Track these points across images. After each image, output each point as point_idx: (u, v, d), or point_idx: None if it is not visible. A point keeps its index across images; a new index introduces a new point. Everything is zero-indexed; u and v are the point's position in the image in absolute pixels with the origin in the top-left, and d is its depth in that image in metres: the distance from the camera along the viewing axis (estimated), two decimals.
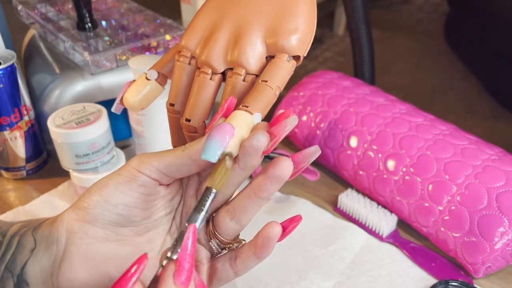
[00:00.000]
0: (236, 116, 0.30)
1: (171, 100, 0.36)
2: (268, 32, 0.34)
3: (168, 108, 0.36)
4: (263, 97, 0.32)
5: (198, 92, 0.34)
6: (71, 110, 0.51)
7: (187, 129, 0.35)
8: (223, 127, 0.29)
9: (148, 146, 0.53)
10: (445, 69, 0.96)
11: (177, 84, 0.36)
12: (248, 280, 0.46)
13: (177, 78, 0.36)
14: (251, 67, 0.33)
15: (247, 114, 0.31)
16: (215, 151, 0.28)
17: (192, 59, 0.35)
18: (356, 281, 0.46)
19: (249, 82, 0.34)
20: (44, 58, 0.64)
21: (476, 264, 0.45)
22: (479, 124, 0.59)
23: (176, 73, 0.36)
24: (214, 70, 0.34)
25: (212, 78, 0.34)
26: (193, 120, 0.34)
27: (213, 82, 0.34)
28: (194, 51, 0.35)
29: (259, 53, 0.34)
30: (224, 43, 0.34)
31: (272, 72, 0.33)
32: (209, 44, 0.35)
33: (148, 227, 0.33)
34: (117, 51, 0.59)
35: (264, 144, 0.29)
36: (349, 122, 0.55)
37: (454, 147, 0.49)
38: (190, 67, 0.36)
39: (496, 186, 0.45)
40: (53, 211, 0.54)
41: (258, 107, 0.31)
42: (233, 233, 0.33)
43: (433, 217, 0.47)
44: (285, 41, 0.33)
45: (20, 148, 0.58)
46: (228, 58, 0.34)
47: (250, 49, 0.33)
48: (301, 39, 0.34)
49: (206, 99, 0.34)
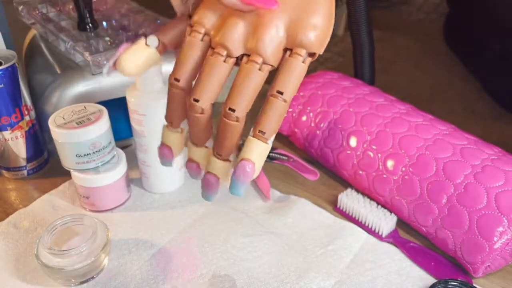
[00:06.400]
0: (254, 150, 0.33)
1: (176, 75, 0.34)
2: (289, 25, 0.33)
3: (172, 82, 0.34)
4: (279, 117, 0.33)
5: (210, 73, 0.33)
6: (72, 110, 0.51)
7: (193, 109, 0.34)
8: (245, 172, 0.33)
9: (148, 146, 0.53)
10: (444, 69, 0.96)
11: (186, 60, 0.34)
12: (248, 279, 0.46)
13: (186, 53, 0.34)
14: (268, 58, 0.33)
15: (264, 145, 0.33)
16: (241, 190, 0.33)
17: (205, 36, 0.34)
18: (355, 280, 0.46)
19: (265, 72, 0.33)
20: (45, 58, 0.64)
21: (475, 264, 0.45)
22: (478, 124, 0.59)
23: (185, 48, 0.34)
24: (229, 53, 0.33)
25: (226, 60, 0.33)
26: (202, 101, 0.33)
27: (226, 65, 0.33)
28: (208, 29, 0.34)
29: (278, 44, 0.33)
30: (243, 27, 0.33)
31: (288, 80, 0.33)
32: (226, 25, 0.33)
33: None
34: None
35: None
36: (349, 122, 0.56)
37: (453, 147, 0.49)
38: (202, 44, 0.34)
39: (495, 186, 0.45)
40: (54, 211, 0.54)
41: (273, 130, 0.33)
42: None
43: (433, 216, 0.48)
44: (304, 36, 0.33)
45: (21, 148, 0.58)
46: (247, 45, 0.33)
47: (269, 39, 0.33)
48: (320, 36, 0.33)
49: (217, 81, 0.33)
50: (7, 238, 0.51)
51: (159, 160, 0.40)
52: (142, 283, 0.46)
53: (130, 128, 0.54)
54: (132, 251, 0.49)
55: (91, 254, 0.45)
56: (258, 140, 0.33)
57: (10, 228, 0.52)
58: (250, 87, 0.33)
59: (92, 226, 0.46)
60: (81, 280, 0.45)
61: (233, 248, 0.49)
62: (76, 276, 0.45)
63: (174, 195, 0.57)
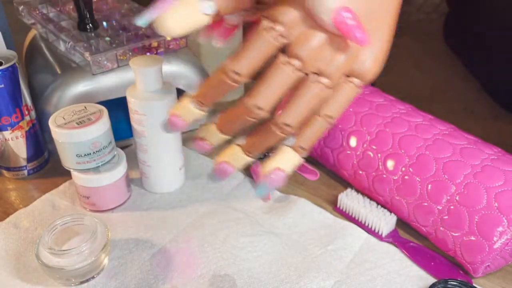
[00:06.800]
0: (291, 162, 0.34)
1: (238, 68, 0.31)
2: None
3: (230, 74, 0.31)
4: (320, 136, 0.34)
5: (281, 84, 0.31)
6: (72, 110, 0.51)
7: (253, 115, 0.32)
8: (277, 180, 0.33)
9: (149, 146, 0.53)
10: (444, 69, 0.96)
11: (254, 56, 0.31)
12: (248, 279, 0.46)
13: (255, 49, 0.31)
14: (334, 84, 0.32)
15: (299, 159, 0.34)
16: (267, 193, 0.34)
17: (280, 36, 0.31)
18: (355, 280, 0.46)
19: (326, 94, 0.33)
20: (45, 58, 0.64)
21: (475, 264, 0.45)
22: (478, 124, 0.59)
23: (257, 44, 0.31)
24: (302, 69, 0.31)
25: (295, 73, 0.31)
26: (265, 111, 0.32)
27: (294, 77, 0.31)
28: (286, 33, 0.31)
29: (344, 72, 0.33)
30: (328, 51, 0.31)
31: (340, 106, 0.33)
32: (309, 40, 0.31)
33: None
34: (118, 52, 0.59)
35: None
36: (349, 122, 0.56)
37: (453, 147, 0.49)
38: (275, 45, 0.31)
39: (495, 186, 0.45)
40: (54, 211, 0.54)
41: (312, 147, 0.34)
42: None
43: (432, 216, 0.48)
44: (362, 65, 0.32)
45: (21, 148, 0.58)
46: (321, 65, 0.31)
47: (343, 66, 0.32)
48: (377, 65, 0.33)
49: (282, 92, 0.32)
50: (7, 238, 0.51)
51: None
52: (142, 283, 0.46)
53: (130, 128, 0.54)
54: (132, 251, 0.49)
55: (91, 254, 0.45)
56: (297, 153, 0.34)
57: (10, 228, 0.52)
58: (309, 107, 0.32)
59: (92, 226, 0.46)
60: (81, 280, 0.45)
61: (233, 248, 0.49)
62: (76, 276, 0.45)
63: (174, 195, 0.57)
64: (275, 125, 0.33)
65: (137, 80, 0.51)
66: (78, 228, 0.47)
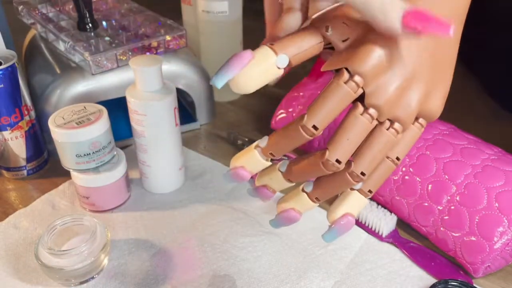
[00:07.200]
0: (360, 207, 0.34)
1: (317, 122, 0.30)
2: (420, 97, 0.31)
3: (309, 129, 0.30)
4: (387, 178, 0.34)
5: (355, 136, 0.30)
6: (72, 110, 0.51)
7: (330, 168, 0.31)
8: (347, 226, 0.34)
9: (148, 146, 0.53)
10: None
11: (333, 109, 0.30)
12: (247, 279, 0.46)
13: (333, 102, 0.30)
14: (405, 130, 0.32)
15: (365, 200, 0.34)
16: (335, 239, 0.34)
17: (350, 80, 0.30)
18: (355, 280, 0.46)
19: (397, 140, 0.32)
20: (45, 58, 0.64)
21: (476, 264, 0.45)
22: (478, 124, 0.58)
23: (335, 97, 0.30)
24: (378, 118, 0.31)
25: (372, 122, 0.31)
26: (343, 160, 0.31)
27: (371, 126, 0.31)
28: (367, 85, 0.30)
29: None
30: (412, 103, 0.31)
31: (407, 148, 0.33)
32: (387, 90, 0.30)
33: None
34: (117, 51, 0.59)
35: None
36: None
37: (453, 147, 0.49)
38: (354, 97, 0.30)
39: (495, 186, 0.45)
40: (54, 211, 0.54)
41: (377, 188, 0.34)
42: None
43: (433, 216, 0.48)
44: (427, 108, 0.32)
45: (20, 148, 0.58)
46: (396, 112, 0.31)
47: (413, 113, 0.32)
48: (441, 106, 0.33)
49: (358, 143, 0.31)
50: (7, 238, 0.51)
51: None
52: (142, 283, 0.46)
53: (130, 128, 0.54)
54: (132, 251, 0.49)
55: (91, 254, 0.45)
56: (365, 198, 0.34)
57: (10, 228, 0.52)
58: (383, 154, 0.32)
59: (92, 226, 0.46)
60: (81, 280, 0.45)
61: (233, 248, 0.49)
62: (76, 276, 0.45)
63: (174, 195, 0.57)
64: (350, 175, 0.31)
65: (136, 80, 0.51)
66: (77, 229, 0.47)
